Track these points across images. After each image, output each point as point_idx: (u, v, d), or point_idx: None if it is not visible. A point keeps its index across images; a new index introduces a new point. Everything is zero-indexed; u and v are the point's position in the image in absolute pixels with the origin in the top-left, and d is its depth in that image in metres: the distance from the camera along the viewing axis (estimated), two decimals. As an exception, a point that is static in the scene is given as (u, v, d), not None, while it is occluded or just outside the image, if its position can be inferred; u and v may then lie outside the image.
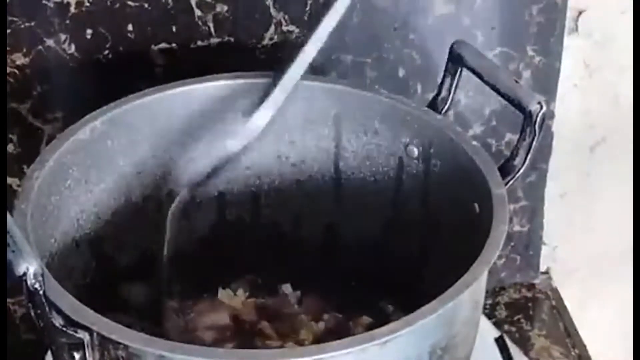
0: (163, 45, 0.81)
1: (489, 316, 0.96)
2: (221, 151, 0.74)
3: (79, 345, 0.56)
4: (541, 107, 0.67)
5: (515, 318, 0.98)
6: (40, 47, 0.78)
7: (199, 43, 0.81)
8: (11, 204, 0.63)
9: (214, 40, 0.81)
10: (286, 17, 0.81)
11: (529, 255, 1.00)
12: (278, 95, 0.72)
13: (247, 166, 0.80)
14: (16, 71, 0.79)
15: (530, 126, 0.68)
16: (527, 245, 1.00)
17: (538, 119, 0.67)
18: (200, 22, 0.80)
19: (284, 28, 0.82)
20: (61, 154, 0.69)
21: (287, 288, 0.83)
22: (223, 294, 0.82)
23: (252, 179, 0.81)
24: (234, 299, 0.82)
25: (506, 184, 0.68)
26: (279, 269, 0.84)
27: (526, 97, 0.68)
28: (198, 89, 0.75)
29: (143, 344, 0.55)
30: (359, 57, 0.85)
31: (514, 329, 0.96)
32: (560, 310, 0.99)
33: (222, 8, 0.80)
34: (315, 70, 0.83)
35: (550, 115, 0.91)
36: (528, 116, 0.67)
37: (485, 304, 0.89)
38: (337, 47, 0.84)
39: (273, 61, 0.82)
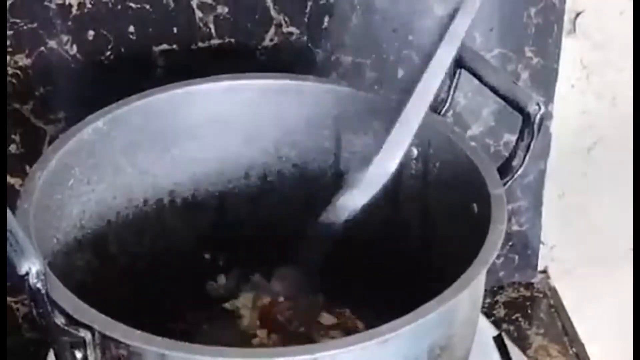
0: (164, 46, 0.81)
1: (488, 315, 0.96)
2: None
3: (81, 344, 0.57)
4: (539, 108, 0.67)
5: (514, 317, 0.98)
6: (42, 48, 0.79)
7: (200, 44, 0.81)
8: (14, 204, 0.63)
9: (215, 42, 0.81)
10: (286, 18, 0.82)
11: (527, 254, 1.01)
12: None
13: (248, 166, 0.81)
14: (19, 72, 0.79)
15: (528, 127, 0.68)
16: (526, 244, 1.00)
17: (536, 120, 0.67)
18: (201, 24, 0.81)
19: (284, 29, 0.82)
20: (63, 154, 0.69)
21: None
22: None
23: (252, 179, 0.81)
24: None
25: (504, 184, 0.68)
26: (279, 269, 0.85)
27: (524, 98, 0.68)
28: (200, 89, 0.75)
29: (144, 342, 0.55)
30: (359, 58, 0.85)
31: (512, 327, 0.97)
32: (558, 309, 0.99)
33: (222, 9, 0.80)
34: (316, 71, 0.84)
35: (548, 116, 0.92)
36: (526, 117, 0.68)
37: (483, 303, 0.89)
38: (337, 48, 0.84)
39: (273, 62, 0.82)
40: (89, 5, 0.78)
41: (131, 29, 0.80)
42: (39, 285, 0.54)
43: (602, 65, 0.93)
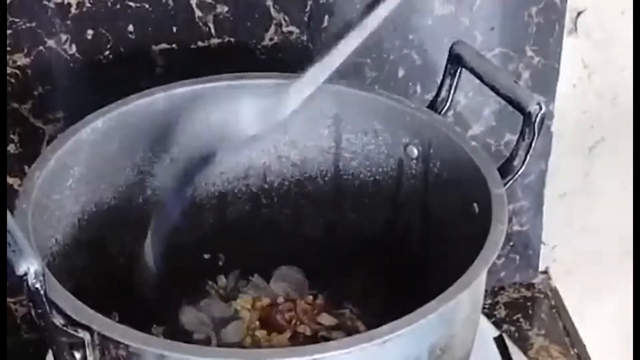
0: (163, 45, 0.81)
1: (489, 316, 0.96)
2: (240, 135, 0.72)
3: (80, 345, 0.57)
4: (540, 108, 0.67)
5: (515, 317, 0.98)
6: (41, 47, 0.79)
7: (199, 43, 0.81)
8: (12, 203, 0.63)
9: (214, 41, 0.81)
10: (286, 17, 0.82)
11: (528, 255, 1.01)
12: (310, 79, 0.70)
13: (248, 166, 0.80)
14: (17, 72, 0.79)
15: (529, 127, 0.68)
16: (527, 245, 1.00)
17: (537, 120, 0.67)
18: (200, 23, 0.80)
19: (284, 29, 0.82)
20: (62, 154, 0.69)
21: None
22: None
23: (252, 179, 0.81)
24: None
25: (505, 184, 0.68)
26: (279, 269, 0.85)
27: (525, 97, 0.68)
28: (199, 89, 0.75)
29: (143, 343, 0.55)
30: (359, 57, 0.85)
31: (513, 328, 0.96)
32: (559, 310, 0.99)
33: (222, 9, 0.80)
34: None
35: (549, 115, 0.92)
36: (527, 117, 0.68)
37: (484, 304, 0.89)
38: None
39: (273, 62, 0.82)
40: (87, 4, 0.78)
41: (130, 28, 0.80)
42: (37, 285, 0.54)
43: (604, 64, 0.93)
